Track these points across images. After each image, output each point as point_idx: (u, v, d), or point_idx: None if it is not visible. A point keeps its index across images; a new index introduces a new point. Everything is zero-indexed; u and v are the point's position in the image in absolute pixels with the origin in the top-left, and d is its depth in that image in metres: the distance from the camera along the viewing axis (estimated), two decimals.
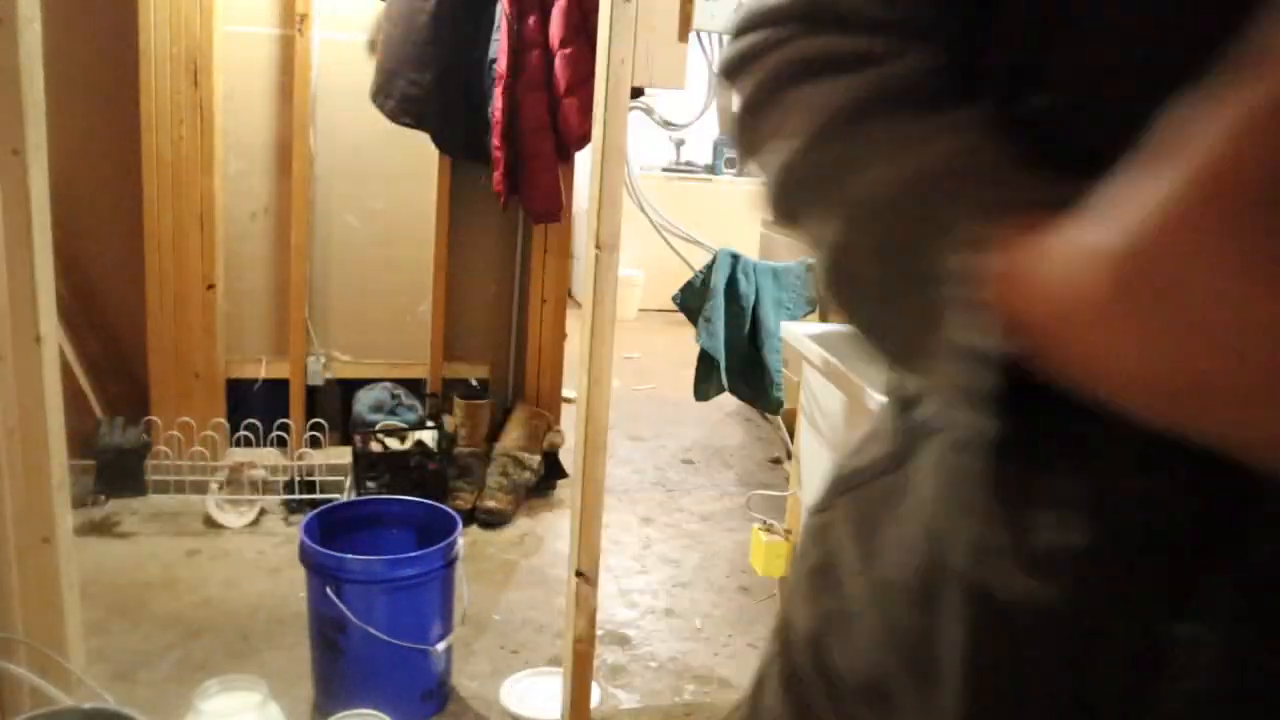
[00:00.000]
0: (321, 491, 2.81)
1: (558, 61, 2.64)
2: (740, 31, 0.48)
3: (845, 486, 0.54)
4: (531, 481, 3.01)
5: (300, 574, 1.99)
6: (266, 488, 2.83)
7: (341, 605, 1.81)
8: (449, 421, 3.00)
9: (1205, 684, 0.35)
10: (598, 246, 1.60)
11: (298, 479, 2.86)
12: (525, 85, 2.68)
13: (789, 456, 2.11)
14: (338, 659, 1.87)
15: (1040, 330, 0.32)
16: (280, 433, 2.90)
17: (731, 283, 2.19)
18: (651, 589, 2.56)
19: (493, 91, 2.71)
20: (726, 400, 3.16)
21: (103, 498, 2.75)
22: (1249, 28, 0.26)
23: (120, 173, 2.82)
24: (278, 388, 3.01)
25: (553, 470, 3.11)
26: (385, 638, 1.82)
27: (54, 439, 1.60)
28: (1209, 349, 0.27)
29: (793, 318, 2.04)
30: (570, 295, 3.31)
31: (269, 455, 2.88)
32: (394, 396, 2.97)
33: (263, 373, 2.99)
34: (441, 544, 1.90)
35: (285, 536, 2.69)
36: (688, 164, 6.52)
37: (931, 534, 0.44)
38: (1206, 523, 0.35)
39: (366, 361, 3.11)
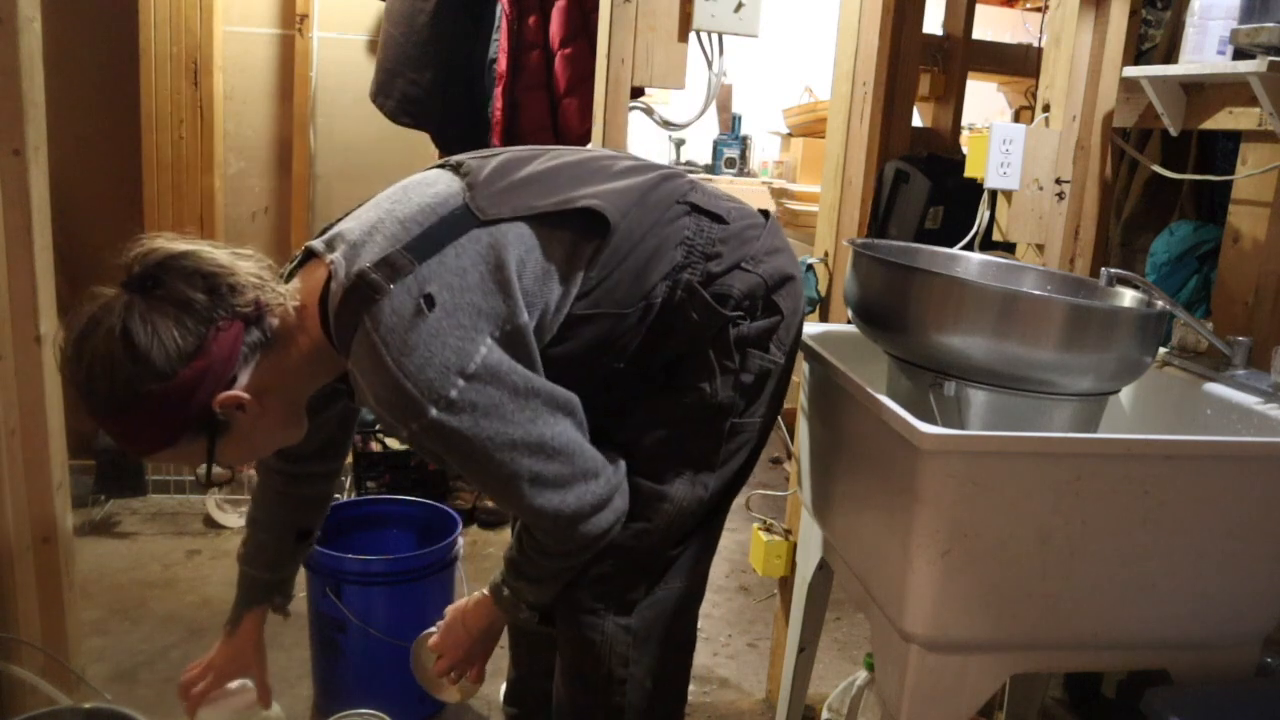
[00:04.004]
0: None
1: (558, 61, 2.64)
2: None
3: None
4: None
5: (300, 574, 1.99)
6: None
7: (341, 605, 1.81)
8: None
9: None
10: None
11: None
12: (525, 85, 2.68)
13: (789, 456, 2.12)
14: (338, 659, 1.87)
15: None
16: None
17: None
18: None
19: (493, 91, 2.70)
20: None
21: (103, 498, 2.75)
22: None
23: (120, 173, 2.82)
24: None
25: None
26: (385, 638, 1.82)
27: (54, 439, 1.60)
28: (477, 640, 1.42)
29: None
30: None
31: None
32: None
33: None
34: (441, 544, 1.90)
35: None
36: (688, 164, 6.51)
37: None
38: None
39: None
